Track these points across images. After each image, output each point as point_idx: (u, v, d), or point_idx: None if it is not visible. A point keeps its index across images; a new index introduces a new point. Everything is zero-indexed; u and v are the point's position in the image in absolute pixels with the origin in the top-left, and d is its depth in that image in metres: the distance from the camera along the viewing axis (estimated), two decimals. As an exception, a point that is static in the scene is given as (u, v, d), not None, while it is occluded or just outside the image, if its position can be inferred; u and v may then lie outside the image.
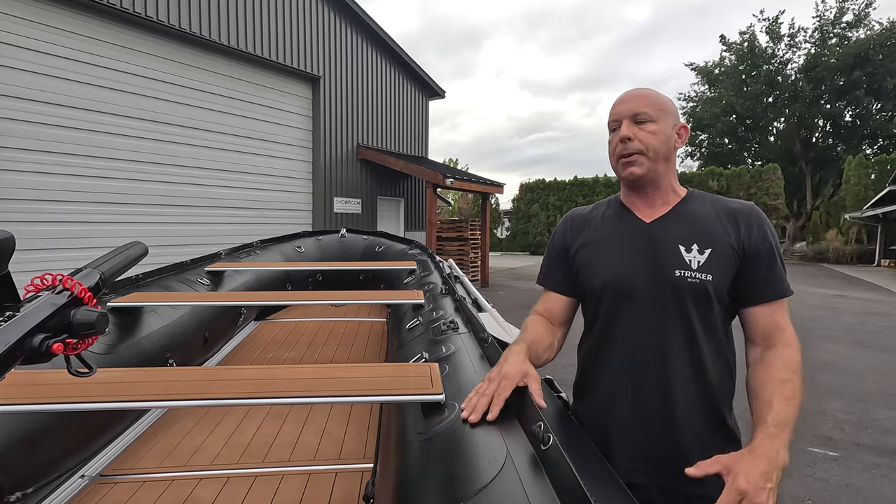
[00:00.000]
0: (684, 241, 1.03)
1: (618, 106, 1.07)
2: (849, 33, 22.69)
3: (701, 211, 1.06)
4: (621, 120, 1.06)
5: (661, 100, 1.05)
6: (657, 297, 1.03)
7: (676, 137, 1.06)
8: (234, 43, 7.40)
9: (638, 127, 1.04)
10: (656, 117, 1.03)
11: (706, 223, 1.04)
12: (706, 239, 1.02)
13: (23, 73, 5.35)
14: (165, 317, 2.16)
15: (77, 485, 1.43)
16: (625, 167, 1.06)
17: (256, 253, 3.64)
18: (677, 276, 1.01)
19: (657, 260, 1.04)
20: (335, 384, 1.16)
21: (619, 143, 1.05)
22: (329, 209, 9.29)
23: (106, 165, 6.14)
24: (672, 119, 1.05)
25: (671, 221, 1.06)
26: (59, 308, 0.66)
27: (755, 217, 1.04)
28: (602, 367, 1.10)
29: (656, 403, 1.03)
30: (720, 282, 1.01)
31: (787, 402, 0.89)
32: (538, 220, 21.96)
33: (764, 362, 0.98)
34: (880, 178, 17.96)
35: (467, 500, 0.69)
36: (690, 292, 1.00)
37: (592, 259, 1.12)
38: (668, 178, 1.08)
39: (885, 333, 6.61)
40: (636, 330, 1.05)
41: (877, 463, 3.03)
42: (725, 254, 1.01)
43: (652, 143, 1.03)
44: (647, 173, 1.05)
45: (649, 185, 1.08)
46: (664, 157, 1.05)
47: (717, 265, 1.01)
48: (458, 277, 2.83)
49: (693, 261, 1.01)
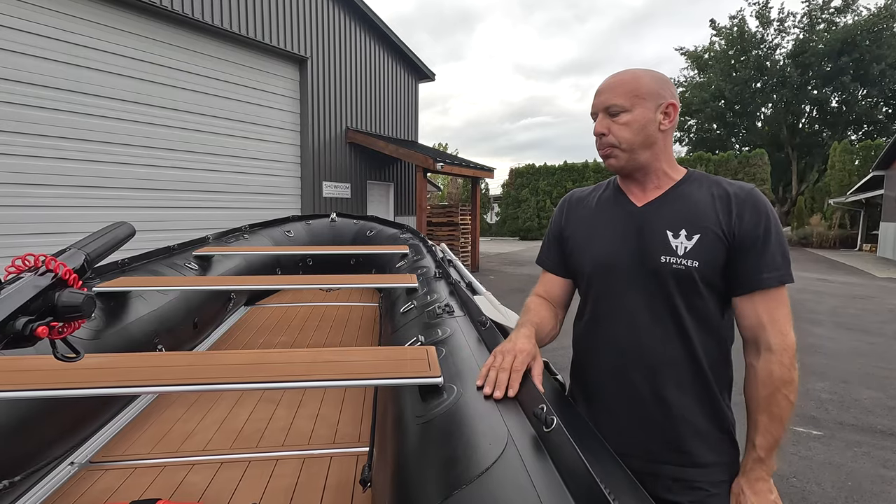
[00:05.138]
0: (672, 226, 1.01)
1: (596, 97, 1.06)
2: (837, 18, 22.78)
3: (696, 195, 1.03)
4: (597, 113, 1.05)
5: (637, 84, 1.01)
6: (643, 283, 1.03)
7: (662, 118, 1.02)
8: (219, 22, 7.19)
9: (612, 120, 1.02)
10: (630, 106, 1.00)
11: (698, 208, 1.01)
12: (695, 224, 1.00)
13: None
14: (153, 302, 2.12)
15: (66, 472, 1.40)
16: (604, 159, 1.08)
17: (245, 237, 3.58)
18: (662, 262, 1.00)
19: (644, 245, 1.03)
20: (330, 368, 1.14)
21: (596, 138, 1.06)
22: (318, 193, 9.18)
23: (88, 148, 5.97)
24: (653, 101, 1.01)
25: (662, 205, 1.05)
26: (42, 290, 0.64)
27: (750, 201, 1.00)
28: (592, 352, 1.11)
29: (646, 389, 1.02)
30: (707, 268, 0.98)
31: (772, 420, 0.95)
32: (528, 206, 21.97)
33: (749, 374, 1.00)
34: (864, 163, 18.21)
35: (470, 483, 0.68)
36: (675, 279, 0.99)
37: (583, 243, 1.13)
38: (656, 163, 1.05)
39: (866, 316, 6.75)
40: (623, 315, 1.05)
41: (858, 441, 3.11)
42: (714, 239, 0.99)
43: (624, 135, 1.01)
44: (626, 164, 1.04)
45: (636, 172, 1.06)
46: (643, 145, 1.02)
47: (704, 251, 0.98)
48: (452, 261, 2.81)
49: (679, 247, 1.00)
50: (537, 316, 1.11)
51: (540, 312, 1.12)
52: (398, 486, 0.86)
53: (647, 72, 1.04)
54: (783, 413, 0.95)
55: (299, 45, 8.63)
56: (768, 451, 0.95)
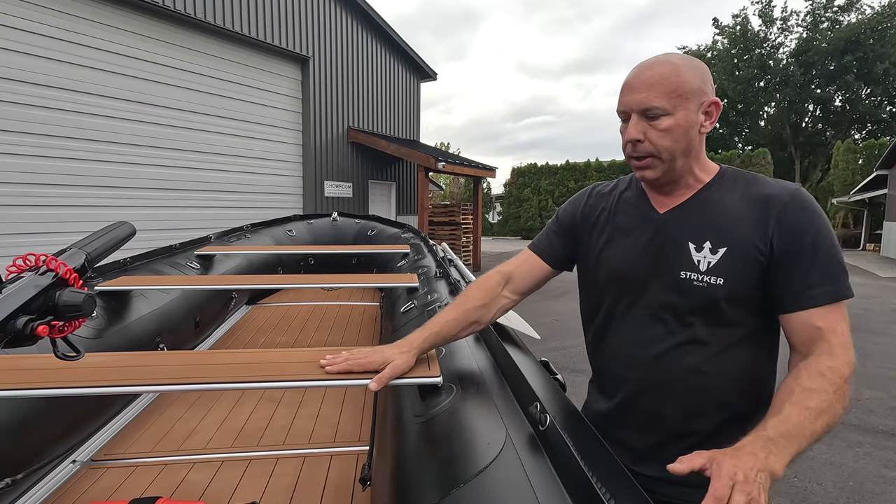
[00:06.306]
0: (696, 237, 0.90)
1: (626, 93, 0.90)
2: (840, 17, 22.70)
3: (726, 199, 0.91)
4: (629, 113, 0.90)
5: (679, 80, 0.86)
6: (658, 299, 0.93)
7: (704, 119, 0.89)
8: (221, 22, 7.20)
9: (649, 123, 0.87)
10: (672, 108, 0.85)
11: (728, 215, 0.89)
12: (722, 235, 0.88)
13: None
14: (155, 301, 2.13)
15: (68, 470, 1.41)
16: (636, 169, 0.94)
17: (247, 237, 3.59)
18: (682, 279, 0.89)
19: (662, 258, 0.92)
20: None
21: (629, 143, 0.91)
22: (320, 193, 9.19)
23: (90, 147, 5.99)
24: (696, 101, 0.87)
25: (687, 213, 0.93)
26: (43, 289, 0.64)
27: (793, 206, 0.85)
28: (602, 364, 1.05)
29: (665, 415, 0.93)
30: (735, 287, 0.86)
31: (805, 411, 0.70)
32: (530, 205, 21.95)
33: (793, 370, 0.81)
34: (868, 162, 18.13)
35: (468, 481, 0.69)
36: (695, 298, 0.88)
37: (600, 250, 1.03)
38: (689, 168, 0.93)
39: (869, 316, 6.73)
40: (635, 331, 0.96)
41: (860, 441, 3.10)
42: (745, 253, 0.86)
43: (665, 143, 0.87)
44: (663, 175, 0.91)
45: (666, 184, 0.95)
46: (683, 153, 0.89)
47: (732, 267, 0.86)
48: (453, 260, 2.81)
49: (702, 261, 0.88)
50: (455, 316, 1.05)
51: (460, 311, 1.06)
52: (397, 485, 0.86)
53: (687, 61, 0.89)
54: (826, 415, 0.71)
55: (301, 44, 8.64)
56: (784, 436, 0.67)
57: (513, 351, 1.08)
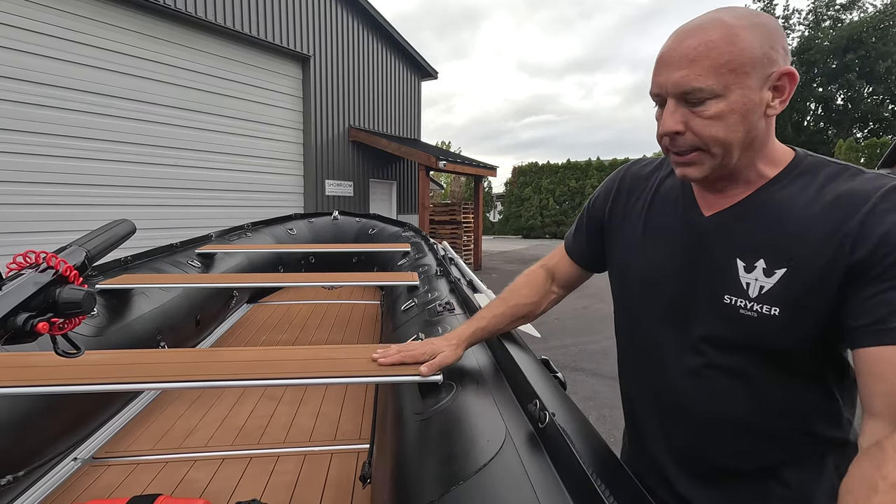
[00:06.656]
0: (747, 252, 0.69)
1: (661, 71, 0.67)
2: (843, 15, 22.66)
3: (794, 202, 0.67)
4: (664, 97, 0.68)
5: (733, 50, 0.62)
6: (695, 325, 0.74)
7: (772, 97, 0.65)
8: (222, 21, 7.21)
9: (692, 110, 0.66)
10: (724, 88, 0.63)
11: (793, 224, 0.66)
12: (782, 252, 0.66)
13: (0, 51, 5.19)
14: (156, 299, 2.13)
15: (70, 467, 1.41)
16: (676, 166, 0.72)
17: (248, 235, 3.60)
18: (726, 304, 0.70)
19: (701, 276, 0.73)
20: (331, 365, 1.15)
21: (665, 136, 0.70)
22: (321, 192, 9.19)
23: (91, 146, 6.00)
24: (760, 72, 0.63)
25: (737, 219, 0.71)
26: (43, 286, 0.64)
27: (883, 208, 0.61)
28: (630, 389, 0.92)
29: (694, 453, 0.79)
30: (793, 321, 0.65)
31: None
32: (531, 204, 21.93)
33: (873, 448, 0.53)
34: (870, 161, 18.08)
35: (468, 479, 0.69)
36: (740, 329, 0.69)
37: (628, 250, 0.86)
38: (751, 162, 0.70)
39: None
40: (667, 360, 0.78)
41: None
42: (811, 277, 0.64)
43: (715, 133, 0.65)
44: (712, 173, 0.69)
45: (718, 180, 0.72)
46: (742, 144, 0.66)
47: (792, 295, 0.65)
48: (453, 259, 2.82)
49: (753, 285, 0.68)
50: (503, 311, 1.04)
51: (507, 306, 1.04)
52: (397, 482, 0.86)
53: (746, 19, 0.64)
54: None
55: (302, 43, 8.64)
56: None
57: (513, 349, 1.08)
